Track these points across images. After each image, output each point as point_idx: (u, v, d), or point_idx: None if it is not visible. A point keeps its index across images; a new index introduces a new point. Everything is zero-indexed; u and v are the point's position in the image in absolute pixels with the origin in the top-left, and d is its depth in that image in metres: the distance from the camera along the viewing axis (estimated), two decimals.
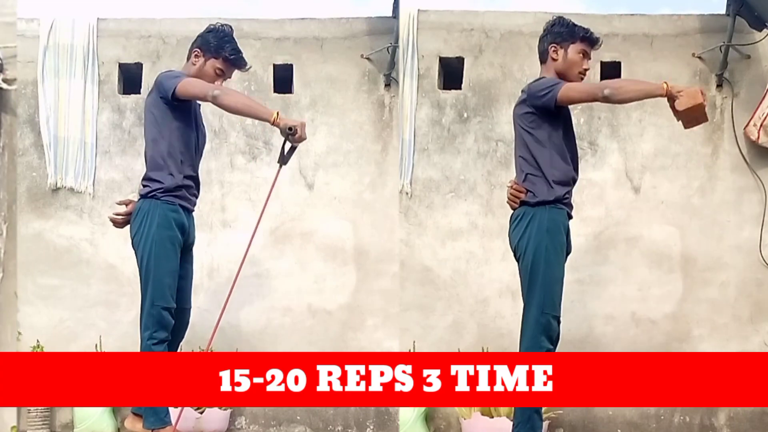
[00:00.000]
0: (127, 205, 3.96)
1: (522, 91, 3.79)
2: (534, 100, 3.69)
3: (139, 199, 3.87)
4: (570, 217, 3.76)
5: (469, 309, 5.10)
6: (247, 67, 4.00)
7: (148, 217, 3.79)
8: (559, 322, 3.68)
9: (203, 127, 4.04)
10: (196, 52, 3.88)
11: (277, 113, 3.60)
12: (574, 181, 3.78)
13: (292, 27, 5.33)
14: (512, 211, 3.78)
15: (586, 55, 3.79)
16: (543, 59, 3.82)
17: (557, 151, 3.69)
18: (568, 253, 3.78)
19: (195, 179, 3.96)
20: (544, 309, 3.60)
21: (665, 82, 3.51)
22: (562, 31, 3.76)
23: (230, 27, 3.93)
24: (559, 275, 3.67)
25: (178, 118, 3.82)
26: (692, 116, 3.52)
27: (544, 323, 3.60)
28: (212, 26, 3.91)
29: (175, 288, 3.84)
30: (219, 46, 3.86)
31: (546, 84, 3.68)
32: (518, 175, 3.76)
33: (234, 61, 3.90)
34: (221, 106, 3.72)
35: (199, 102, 3.93)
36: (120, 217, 3.96)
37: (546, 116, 3.68)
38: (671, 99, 3.49)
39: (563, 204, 3.69)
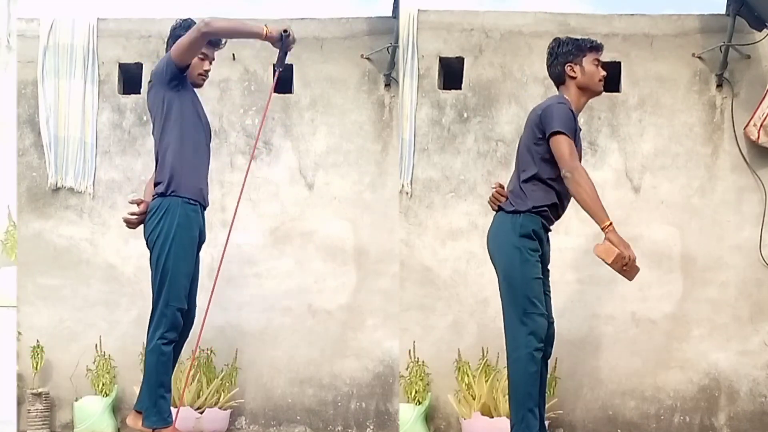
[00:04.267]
0: (139, 204, 3.93)
1: (540, 108, 3.77)
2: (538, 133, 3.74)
3: (155, 197, 3.84)
4: (547, 229, 3.79)
5: (469, 309, 5.10)
6: (222, 44, 4.04)
7: (168, 215, 3.77)
8: (548, 321, 3.73)
9: (206, 116, 4.04)
10: None
11: (266, 26, 3.77)
12: (560, 209, 3.83)
13: (292, 27, 5.31)
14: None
15: (599, 63, 3.84)
16: (561, 81, 3.85)
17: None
18: (546, 263, 3.81)
19: (207, 169, 3.97)
20: (527, 309, 3.64)
21: (606, 222, 3.60)
22: (571, 50, 3.80)
23: (191, 19, 3.98)
24: (535, 274, 3.69)
25: (182, 108, 3.83)
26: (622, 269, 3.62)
27: (529, 323, 3.63)
28: (176, 23, 3.98)
29: (188, 289, 3.84)
30: None
31: (547, 119, 3.69)
32: (513, 180, 3.83)
33: (210, 41, 3.94)
34: (215, 33, 3.76)
35: (195, 89, 3.98)
36: (135, 217, 3.92)
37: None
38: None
39: (538, 214, 3.72)
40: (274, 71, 3.99)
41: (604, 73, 3.85)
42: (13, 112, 5.22)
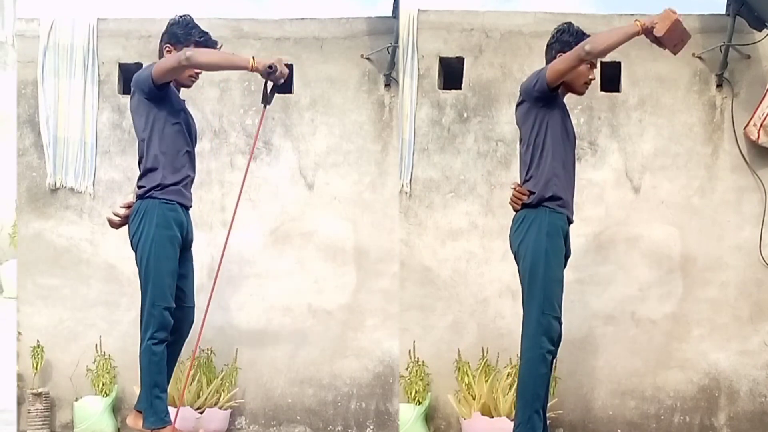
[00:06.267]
0: (128, 208, 3.96)
1: (519, 95, 3.84)
2: (529, 94, 3.74)
3: (136, 200, 3.88)
4: (570, 222, 3.81)
5: (469, 309, 5.10)
6: (218, 46, 4.01)
7: (146, 217, 3.80)
8: (560, 323, 3.71)
9: (191, 116, 4.04)
10: (167, 48, 3.92)
11: (253, 58, 3.66)
12: (572, 186, 3.83)
13: (292, 27, 5.33)
14: (514, 213, 3.84)
15: (592, 65, 3.81)
16: None
17: (556, 156, 3.73)
18: (567, 256, 3.82)
19: (191, 172, 3.96)
20: (544, 310, 3.64)
21: (637, 20, 3.59)
22: (570, 42, 3.75)
23: (190, 16, 3.95)
24: (558, 276, 3.70)
25: (164, 114, 3.84)
26: (676, 39, 3.60)
27: (545, 324, 3.63)
28: (174, 19, 3.95)
29: (174, 288, 3.85)
30: (186, 34, 3.90)
31: (533, 76, 3.75)
32: (521, 178, 3.82)
33: (204, 43, 3.92)
34: (198, 66, 3.76)
35: (180, 88, 3.98)
36: (118, 218, 3.97)
37: (545, 111, 3.72)
38: (649, 33, 3.57)
39: (562, 207, 3.73)
40: (264, 107, 3.87)
41: (593, 77, 3.82)
42: (13, 112, 5.22)
